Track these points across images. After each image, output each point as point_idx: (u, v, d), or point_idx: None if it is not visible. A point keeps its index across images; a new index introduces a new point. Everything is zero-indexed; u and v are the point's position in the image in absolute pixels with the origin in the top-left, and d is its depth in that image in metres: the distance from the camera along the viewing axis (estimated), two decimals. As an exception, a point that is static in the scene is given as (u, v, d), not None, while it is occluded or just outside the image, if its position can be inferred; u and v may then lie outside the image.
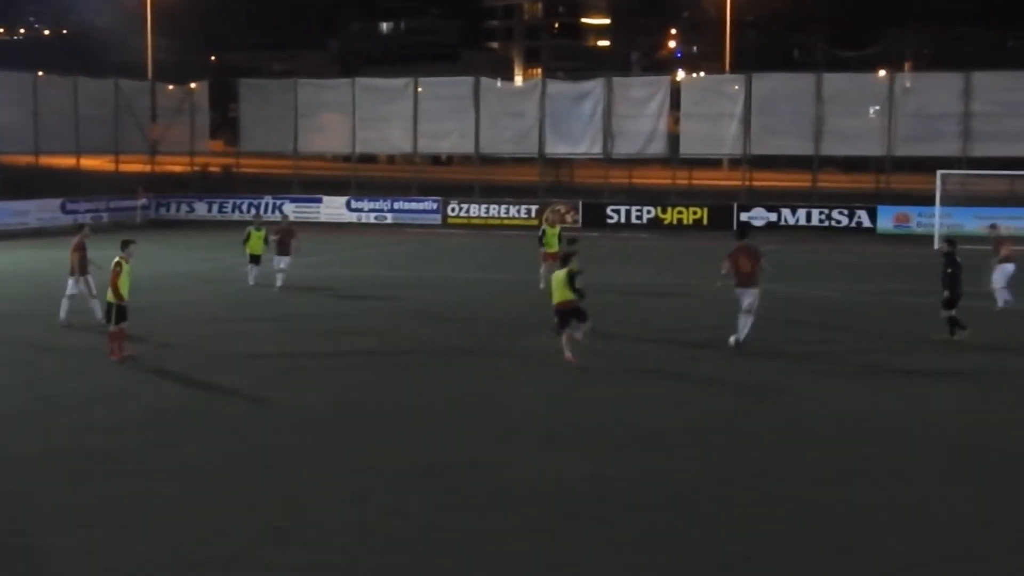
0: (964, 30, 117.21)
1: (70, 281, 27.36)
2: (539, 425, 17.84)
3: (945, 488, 14.84)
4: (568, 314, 22.80)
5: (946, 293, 25.28)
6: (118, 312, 22.81)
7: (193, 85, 68.12)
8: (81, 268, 27.36)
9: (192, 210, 63.22)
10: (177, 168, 70.87)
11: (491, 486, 14.69)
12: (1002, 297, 30.09)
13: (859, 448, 16.72)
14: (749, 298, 24.15)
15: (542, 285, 31.67)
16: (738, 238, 25.33)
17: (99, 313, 26.14)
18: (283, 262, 33.90)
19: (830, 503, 14.14)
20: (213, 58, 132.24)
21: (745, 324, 24.18)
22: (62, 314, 27.18)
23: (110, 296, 22.87)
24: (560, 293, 22.84)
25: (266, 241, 34.32)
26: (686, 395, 20.27)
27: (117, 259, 23.13)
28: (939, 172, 51.31)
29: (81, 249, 27.53)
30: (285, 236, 34.28)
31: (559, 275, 23.07)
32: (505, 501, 14.10)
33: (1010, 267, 30.31)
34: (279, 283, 33.51)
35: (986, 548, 12.73)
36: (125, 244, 23.85)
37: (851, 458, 16.18)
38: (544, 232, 33.96)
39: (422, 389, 20.57)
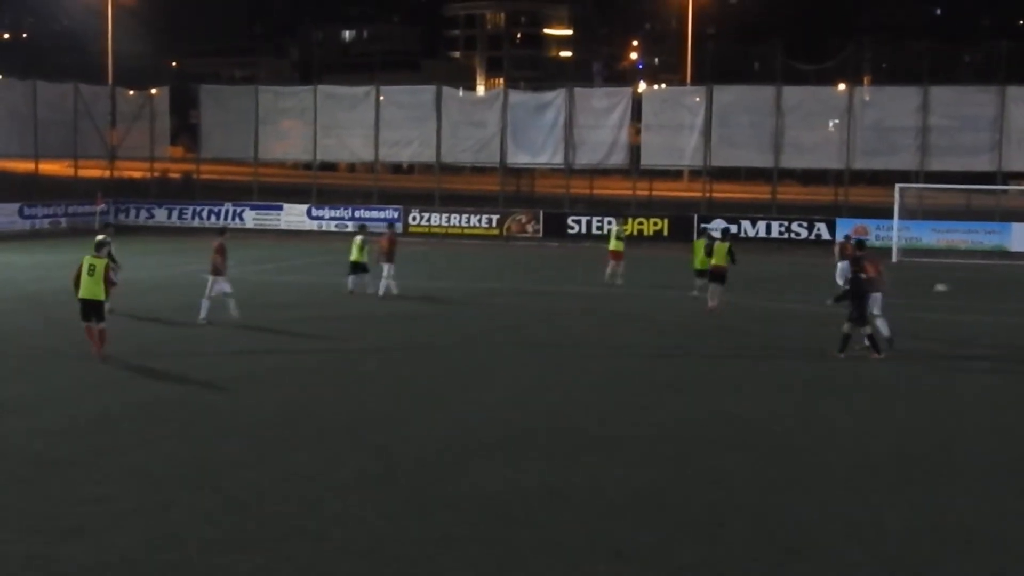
0: (921, 44, 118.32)
1: (219, 280, 28.82)
2: (492, 432, 17.85)
3: (896, 495, 14.93)
4: (718, 276, 31.66)
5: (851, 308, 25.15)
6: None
7: (154, 90, 67.71)
8: (221, 269, 28.62)
9: (152, 216, 62.86)
10: (137, 174, 70.48)
11: (444, 493, 14.67)
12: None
13: (808, 455, 16.82)
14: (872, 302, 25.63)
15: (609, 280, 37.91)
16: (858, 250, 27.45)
17: (204, 313, 28.14)
18: (389, 269, 34.70)
19: (781, 510, 14.22)
20: (174, 64, 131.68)
21: (882, 324, 25.68)
22: (233, 312, 28.52)
23: (102, 294, 23.31)
24: (719, 259, 31.61)
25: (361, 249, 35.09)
26: (640, 403, 20.32)
27: (107, 261, 23.78)
28: (897, 185, 51.71)
29: (222, 251, 28.80)
30: (391, 244, 35.08)
31: (722, 246, 31.86)
32: (458, 508, 14.09)
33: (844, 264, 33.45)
34: (382, 291, 34.36)
35: (942, 553, 12.83)
36: (103, 245, 23.95)
37: (801, 465, 16.28)
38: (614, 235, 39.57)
39: (377, 395, 20.56)
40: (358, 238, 35.43)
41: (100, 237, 24.53)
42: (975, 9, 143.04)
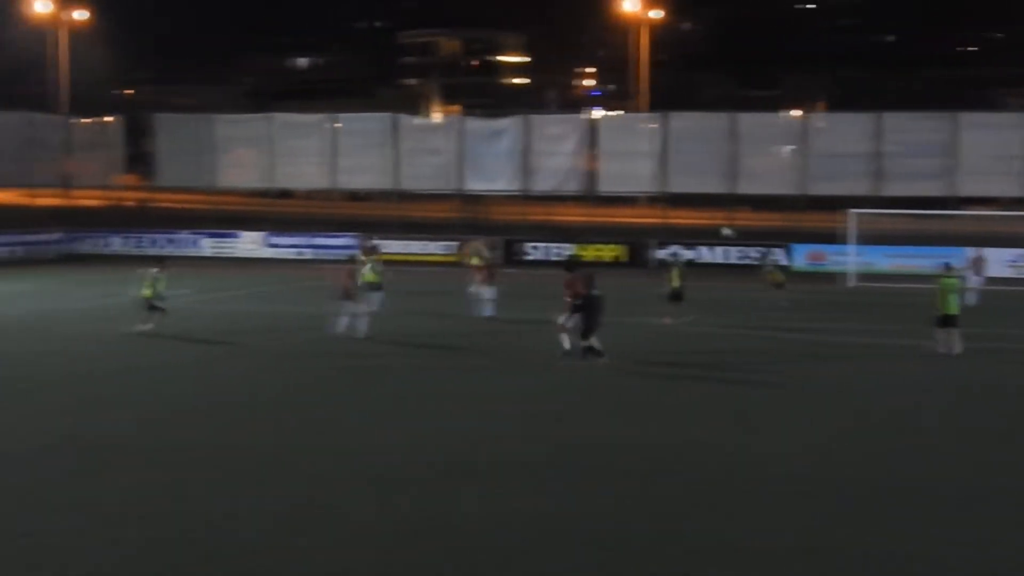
0: (870, 72, 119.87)
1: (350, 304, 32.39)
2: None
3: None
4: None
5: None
6: None
7: (108, 119, 67.46)
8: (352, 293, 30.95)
9: (107, 244, 62.49)
10: (92, 202, 70.06)
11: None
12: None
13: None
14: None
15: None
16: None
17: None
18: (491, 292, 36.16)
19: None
20: (128, 92, 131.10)
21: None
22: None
23: None
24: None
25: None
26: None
27: None
28: (851, 211, 52.12)
29: (352, 276, 31.10)
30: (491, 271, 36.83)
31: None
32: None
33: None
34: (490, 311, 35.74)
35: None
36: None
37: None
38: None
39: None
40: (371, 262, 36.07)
41: None
42: (927, 37, 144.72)
